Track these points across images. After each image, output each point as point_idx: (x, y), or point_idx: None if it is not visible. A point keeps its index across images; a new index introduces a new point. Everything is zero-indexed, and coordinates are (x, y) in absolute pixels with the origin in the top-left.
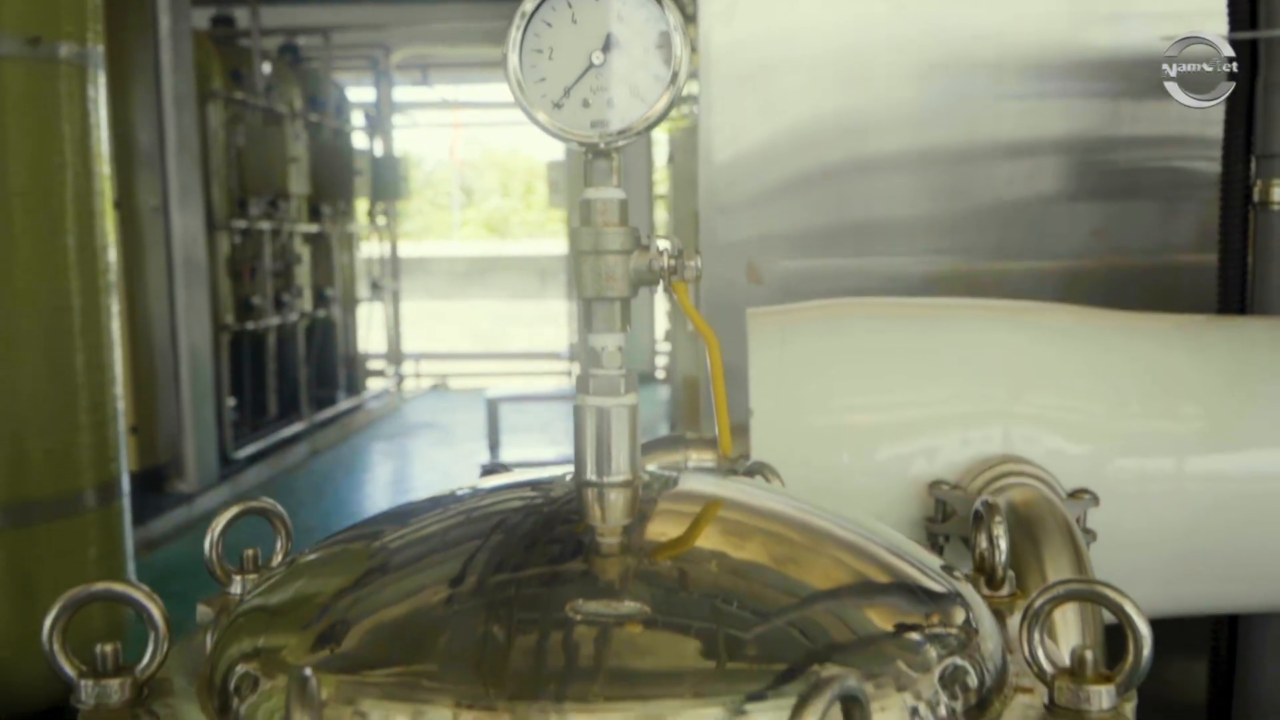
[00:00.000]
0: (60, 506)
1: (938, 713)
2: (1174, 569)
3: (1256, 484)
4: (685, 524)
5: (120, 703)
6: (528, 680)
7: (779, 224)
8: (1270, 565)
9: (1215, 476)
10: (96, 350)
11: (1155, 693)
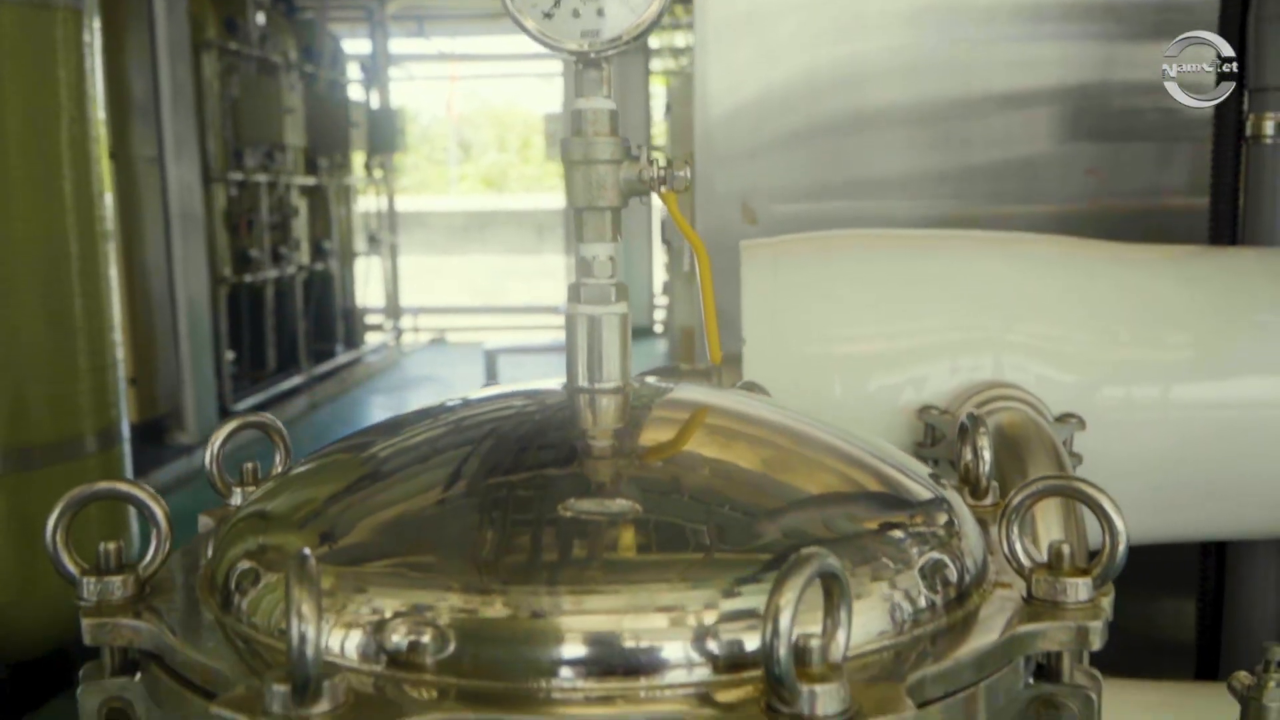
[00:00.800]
0: (61, 451)
1: (917, 604)
2: (1161, 496)
3: (1243, 411)
4: (676, 428)
5: (122, 599)
6: (522, 567)
7: (776, 176)
8: (1256, 491)
9: (1203, 404)
10: (94, 296)
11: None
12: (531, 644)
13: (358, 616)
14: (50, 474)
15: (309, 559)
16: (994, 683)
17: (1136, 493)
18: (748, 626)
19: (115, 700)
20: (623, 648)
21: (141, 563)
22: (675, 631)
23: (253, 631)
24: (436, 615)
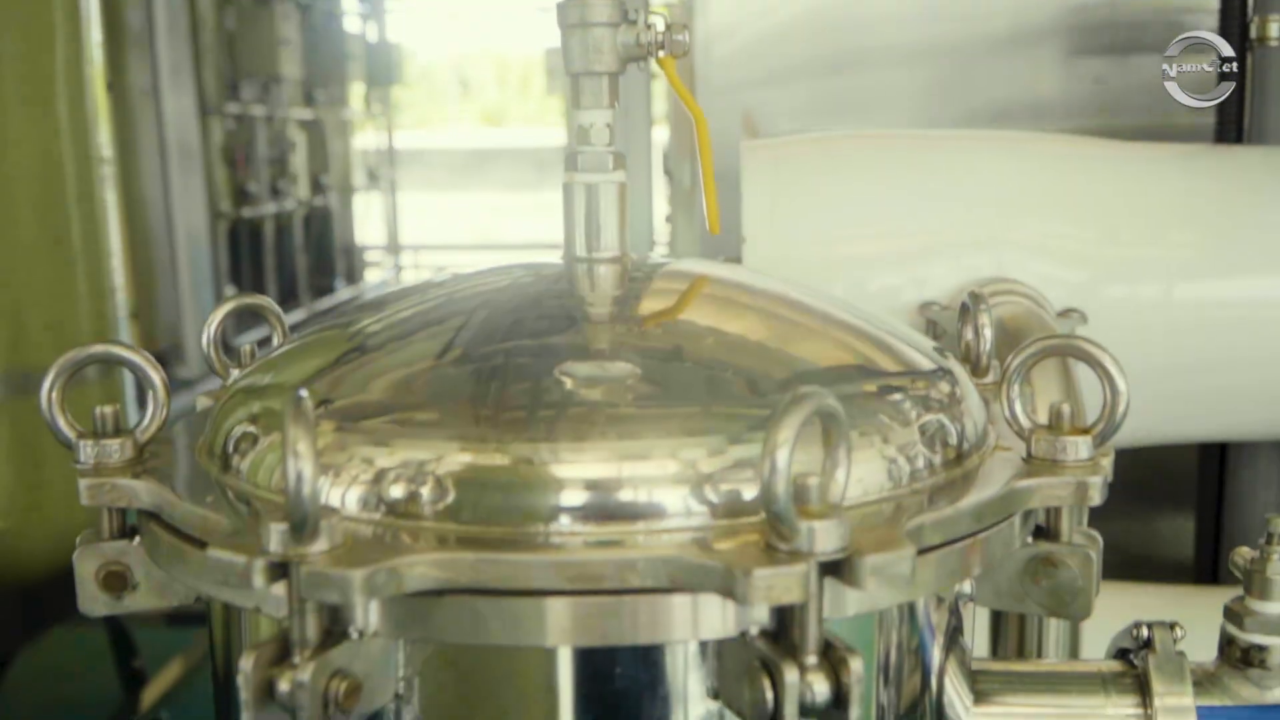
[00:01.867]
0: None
1: (916, 463)
2: (1162, 395)
3: (1246, 310)
4: (675, 296)
5: (120, 462)
6: (520, 420)
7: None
8: (1258, 391)
9: (1205, 303)
10: (91, 222)
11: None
12: (530, 491)
13: (356, 470)
14: None
15: (304, 399)
16: (992, 536)
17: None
18: (746, 476)
19: (113, 564)
20: (620, 494)
21: (139, 427)
22: (674, 479)
23: (252, 489)
24: (435, 466)
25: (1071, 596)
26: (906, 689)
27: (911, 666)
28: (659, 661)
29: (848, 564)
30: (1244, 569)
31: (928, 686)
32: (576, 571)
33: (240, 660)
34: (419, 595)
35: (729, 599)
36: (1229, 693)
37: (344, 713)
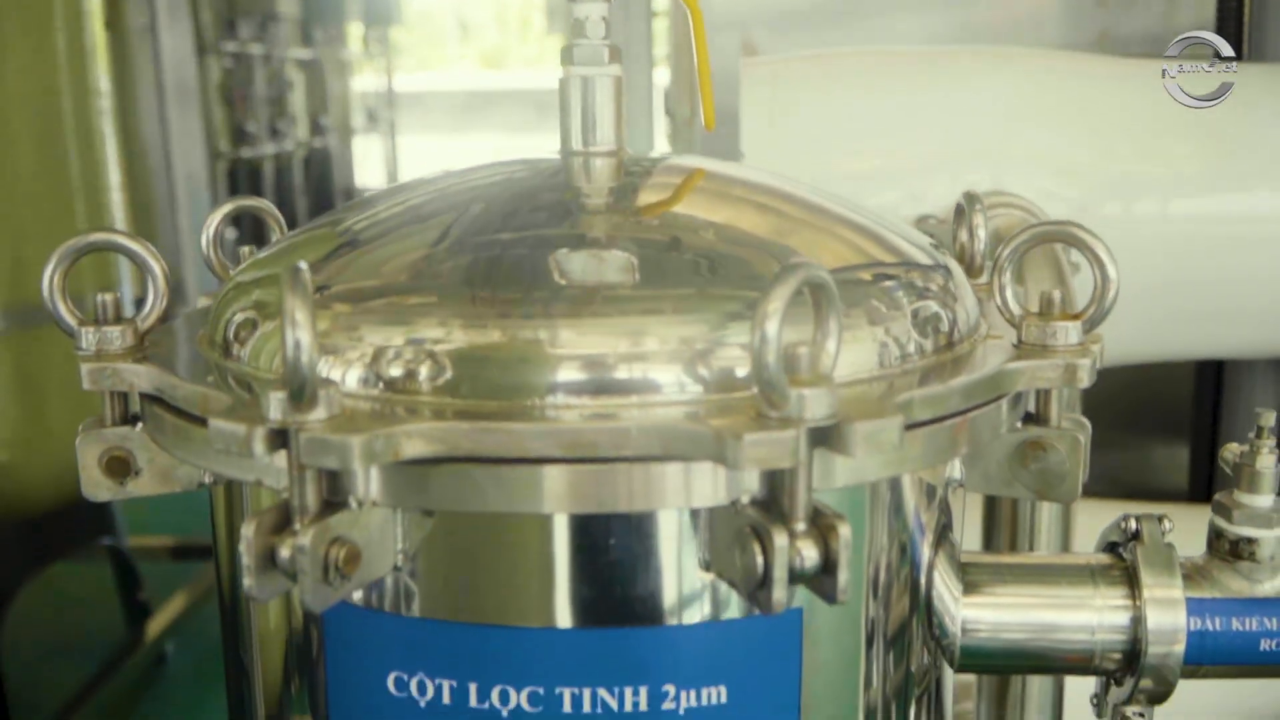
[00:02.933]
0: None
1: (906, 348)
2: (1158, 312)
3: (1244, 226)
4: (672, 189)
5: (121, 349)
6: (517, 300)
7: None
8: (1255, 308)
9: (1203, 218)
10: (90, 156)
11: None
12: (526, 367)
13: (354, 351)
14: (52, 332)
15: (302, 269)
16: (981, 416)
17: (1136, 308)
18: (739, 355)
19: (116, 450)
20: (615, 369)
21: (139, 315)
22: (667, 355)
23: (252, 371)
24: (433, 345)
25: (1059, 479)
26: (895, 575)
27: (900, 552)
28: (652, 533)
29: (837, 431)
30: (1233, 463)
31: (916, 574)
32: (571, 440)
33: (242, 527)
34: (417, 464)
35: (720, 465)
36: (1218, 585)
37: (344, 578)
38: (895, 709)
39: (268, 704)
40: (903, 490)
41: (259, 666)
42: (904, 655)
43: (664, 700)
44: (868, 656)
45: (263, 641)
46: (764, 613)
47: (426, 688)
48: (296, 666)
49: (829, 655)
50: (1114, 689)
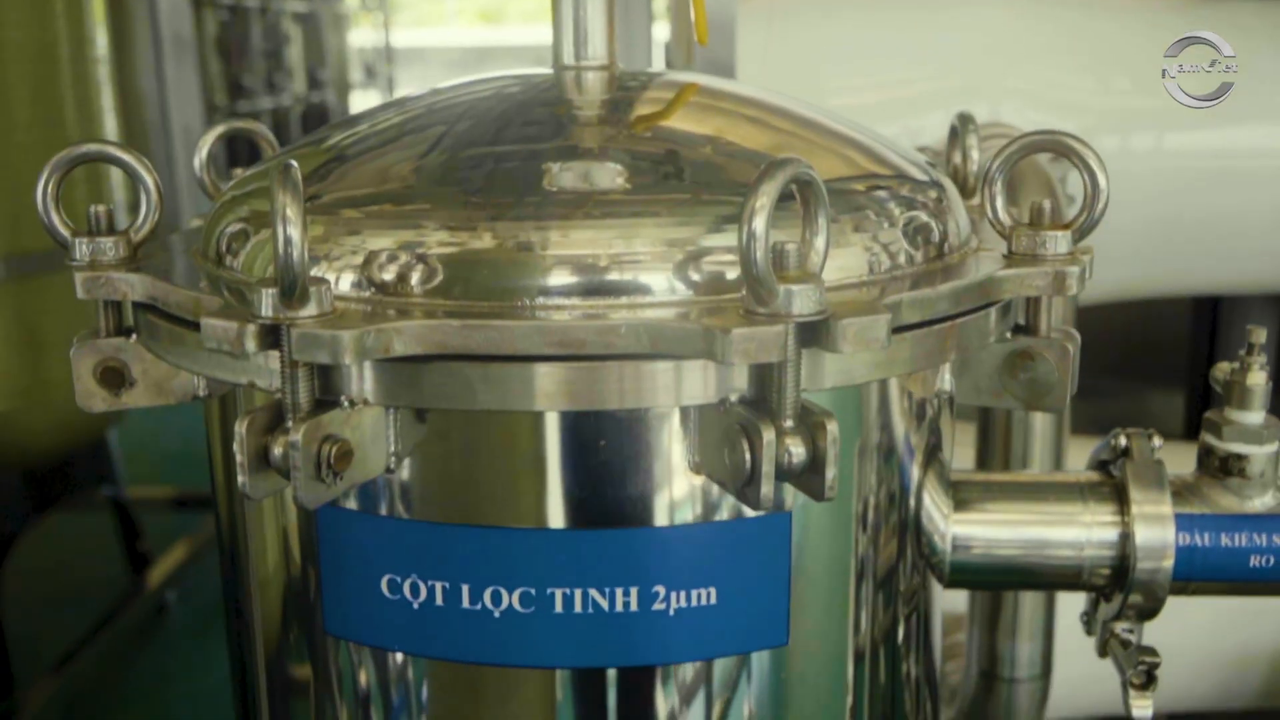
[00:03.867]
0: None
1: (896, 257)
2: (1156, 246)
3: (1239, 160)
4: (664, 103)
5: (115, 260)
6: (508, 205)
7: None
8: (1250, 242)
9: (1199, 153)
10: (87, 106)
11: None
12: (517, 269)
13: (346, 257)
14: (51, 281)
15: (292, 166)
16: (970, 322)
17: (1132, 242)
18: (728, 259)
19: (111, 361)
20: (605, 272)
21: (132, 227)
22: (657, 258)
23: (245, 279)
24: (424, 249)
25: (1047, 389)
26: (884, 485)
27: (889, 463)
28: (642, 433)
29: (825, 327)
30: (1224, 381)
31: (905, 486)
32: (560, 337)
33: (235, 425)
34: (408, 361)
35: (709, 362)
36: (1208, 502)
37: (337, 476)
38: (884, 621)
39: (265, 618)
40: (891, 401)
41: (255, 578)
42: (893, 567)
43: (654, 601)
44: (857, 566)
45: (257, 553)
46: (752, 509)
47: (419, 590)
48: (292, 574)
49: (818, 563)
50: (1103, 605)
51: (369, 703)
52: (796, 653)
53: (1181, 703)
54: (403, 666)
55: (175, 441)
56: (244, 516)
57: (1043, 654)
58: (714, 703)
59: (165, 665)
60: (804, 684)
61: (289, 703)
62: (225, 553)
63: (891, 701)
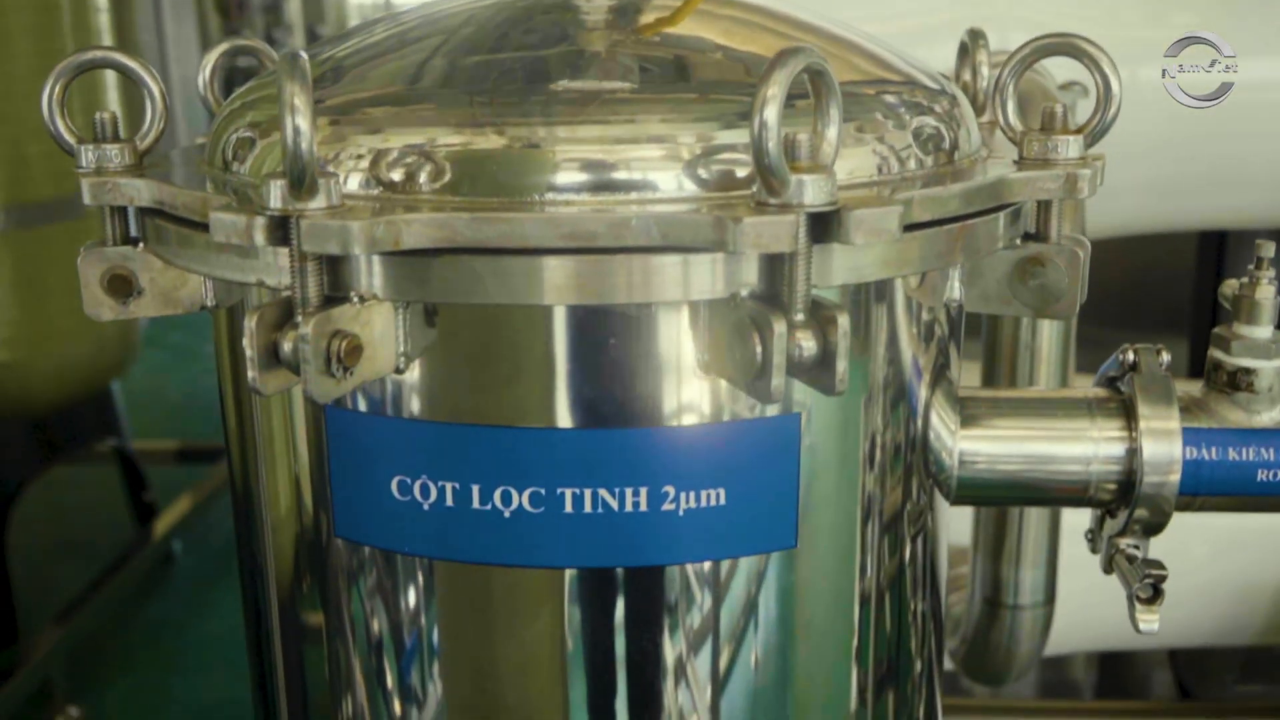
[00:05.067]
0: (61, 209)
1: (906, 162)
2: (1163, 179)
3: (1246, 93)
4: (674, 9)
5: (120, 167)
6: (516, 104)
7: None
8: (1257, 175)
9: (1207, 85)
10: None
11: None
12: (525, 166)
13: (354, 159)
14: (53, 231)
15: (300, 56)
16: (980, 225)
17: (1139, 176)
18: (738, 157)
19: (118, 269)
20: (615, 169)
21: (138, 135)
22: (667, 156)
23: (253, 182)
24: (432, 148)
25: (1057, 295)
26: (893, 396)
27: (898, 373)
28: (652, 331)
29: (837, 218)
30: (1232, 297)
31: (914, 399)
32: (570, 229)
33: (244, 321)
34: (417, 255)
35: (720, 255)
36: (1215, 417)
37: (346, 371)
38: (892, 530)
39: (276, 525)
40: (901, 306)
41: (265, 487)
42: (901, 478)
43: (664, 501)
44: (865, 473)
45: (267, 461)
46: (762, 402)
47: (430, 491)
48: (301, 480)
49: (827, 468)
50: (1109, 521)
51: (379, 606)
52: (805, 556)
53: (1185, 638)
54: (413, 568)
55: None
56: (253, 426)
57: (1046, 581)
58: (722, 604)
59: (172, 613)
60: (811, 588)
61: (300, 610)
62: (235, 466)
63: (898, 610)
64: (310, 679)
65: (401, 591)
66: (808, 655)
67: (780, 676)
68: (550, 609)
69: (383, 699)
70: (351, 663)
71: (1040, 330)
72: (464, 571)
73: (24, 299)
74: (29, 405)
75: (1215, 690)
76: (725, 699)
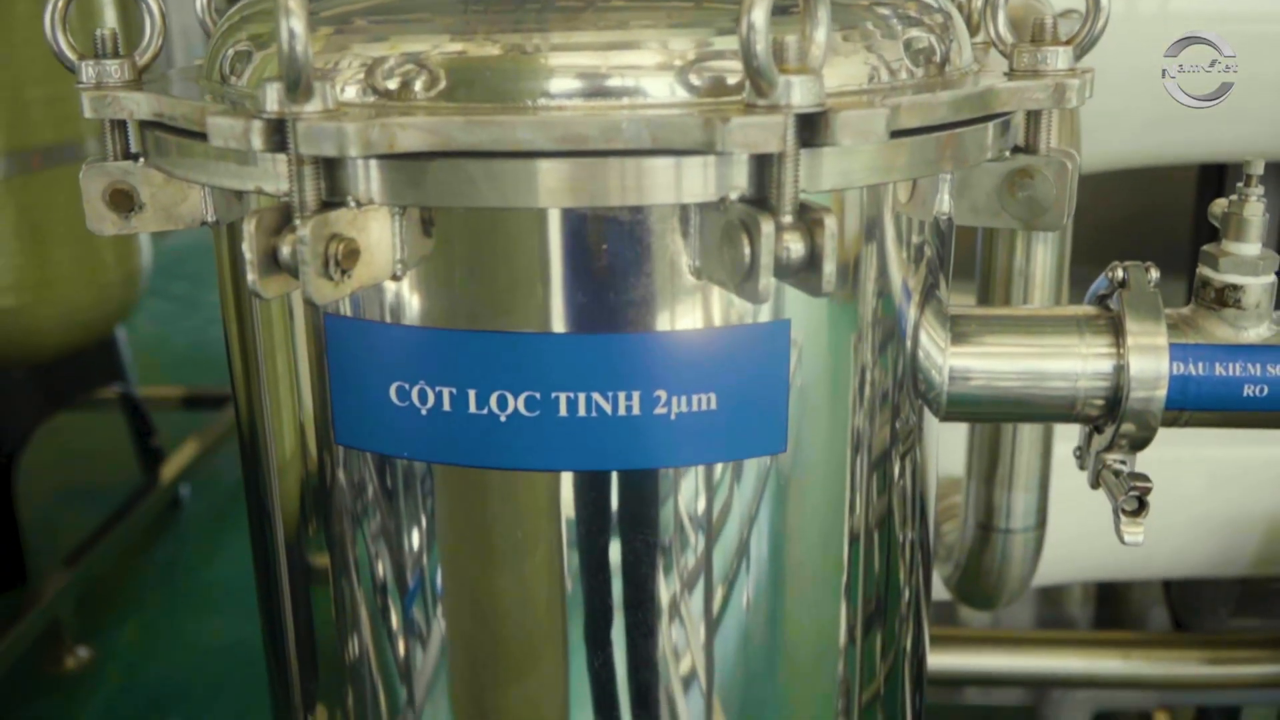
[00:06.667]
0: (63, 153)
1: (897, 73)
2: (1159, 109)
3: (1240, 24)
4: None
5: (120, 82)
6: (509, 12)
7: None
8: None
9: (1201, 15)
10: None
11: None
12: (520, 73)
13: (349, 68)
14: (54, 176)
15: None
16: (969, 133)
17: (1137, 105)
18: (729, 65)
19: (119, 183)
20: (608, 76)
21: (137, 50)
22: (659, 61)
23: (250, 91)
24: (428, 57)
25: (1045, 207)
26: (883, 307)
27: (887, 286)
28: (644, 237)
29: (823, 120)
30: (1221, 215)
31: (904, 317)
32: (564, 131)
33: (243, 224)
34: (413, 159)
35: (710, 159)
36: (1203, 333)
37: (345, 274)
38: (882, 439)
39: (279, 435)
40: (891, 214)
41: (267, 398)
42: (891, 389)
43: (656, 405)
44: (856, 381)
45: (268, 372)
46: (751, 302)
47: (427, 396)
48: (302, 390)
49: (817, 376)
50: (1096, 437)
51: (380, 511)
52: (795, 462)
53: (1176, 568)
54: (412, 472)
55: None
56: (255, 340)
57: (1038, 505)
58: (714, 507)
59: (180, 556)
60: (802, 494)
61: (304, 518)
62: (238, 383)
63: (888, 521)
64: (315, 589)
65: (402, 496)
66: (798, 558)
67: (773, 577)
68: (547, 511)
69: (386, 600)
70: (356, 568)
71: (1034, 256)
72: (462, 475)
73: (27, 244)
74: (35, 351)
75: (1209, 624)
76: (717, 596)
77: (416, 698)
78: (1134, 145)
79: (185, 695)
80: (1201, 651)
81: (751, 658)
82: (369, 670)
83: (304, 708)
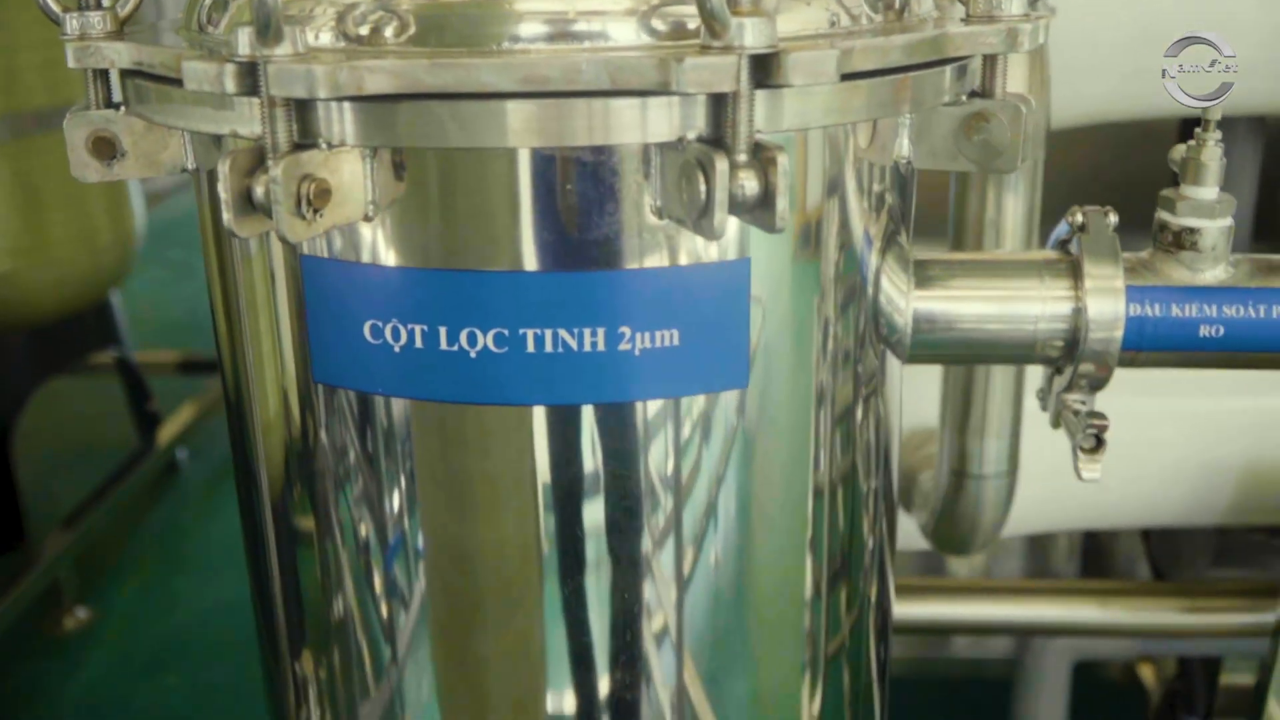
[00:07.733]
0: (56, 117)
1: (858, 20)
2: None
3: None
4: None
5: (102, 33)
6: None
7: None
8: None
9: None
10: None
11: None
12: (486, 18)
13: (324, 14)
14: (48, 140)
15: None
16: (924, 76)
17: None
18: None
19: (102, 131)
20: (572, 20)
21: (119, 2)
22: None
23: (225, 40)
24: (397, 4)
25: (999, 150)
26: (844, 246)
27: (847, 225)
28: (608, 177)
29: (775, 61)
30: (1179, 160)
31: (865, 260)
32: (526, 73)
33: (218, 166)
34: (381, 101)
35: (672, 100)
36: (1160, 275)
37: (317, 213)
38: (845, 384)
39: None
40: (848, 162)
41: (248, 336)
42: (853, 326)
43: (620, 341)
44: (817, 320)
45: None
46: (706, 239)
47: (400, 334)
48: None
49: (778, 314)
50: (1057, 379)
51: (357, 446)
52: (757, 397)
53: (1151, 517)
54: (387, 408)
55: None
56: (236, 284)
57: (1009, 451)
58: (680, 440)
59: (177, 518)
60: (766, 429)
61: (285, 454)
62: (220, 326)
63: (851, 460)
64: (297, 522)
65: (378, 432)
66: (763, 491)
67: (741, 505)
68: (517, 445)
69: (367, 537)
70: (336, 505)
71: (1005, 208)
72: (436, 411)
73: (21, 208)
74: (30, 315)
75: (1188, 575)
76: (686, 523)
77: (397, 623)
78: (1114, 100)
79: (183, 655)
80: (1178, 600)
81: (721, 583)
82: (349, 597)
83: (288, 636)
